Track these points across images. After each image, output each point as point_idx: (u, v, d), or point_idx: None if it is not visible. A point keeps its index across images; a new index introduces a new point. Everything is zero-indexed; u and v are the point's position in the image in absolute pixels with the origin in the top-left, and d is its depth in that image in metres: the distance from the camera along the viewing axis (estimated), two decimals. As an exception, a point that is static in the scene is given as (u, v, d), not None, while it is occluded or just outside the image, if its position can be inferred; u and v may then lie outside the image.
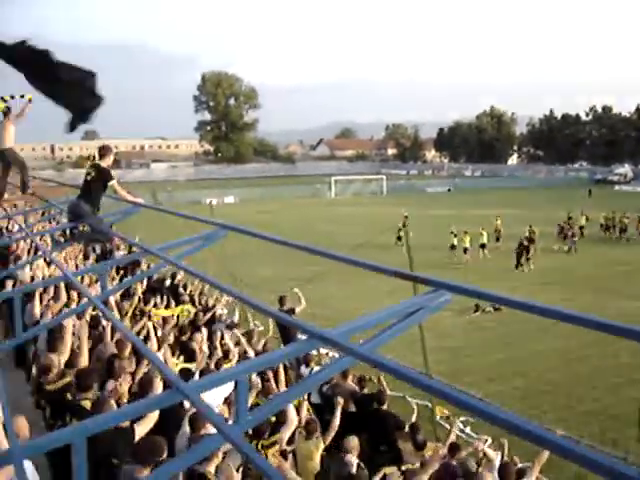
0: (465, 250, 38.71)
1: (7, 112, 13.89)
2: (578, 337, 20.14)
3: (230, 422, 4.40)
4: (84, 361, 9.08)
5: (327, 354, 16.06)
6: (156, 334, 11.36)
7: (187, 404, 8.13)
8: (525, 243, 37.15)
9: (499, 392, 18.04)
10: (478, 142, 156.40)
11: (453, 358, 20.83)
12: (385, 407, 11.06)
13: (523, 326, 22.29)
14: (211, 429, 7.80)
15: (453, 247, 39.63)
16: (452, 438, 10.47)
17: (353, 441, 8.84)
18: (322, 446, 8.99)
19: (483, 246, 39.86)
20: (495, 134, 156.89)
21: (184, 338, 12.51)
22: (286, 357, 4.97)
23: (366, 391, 11.82)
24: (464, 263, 37.76)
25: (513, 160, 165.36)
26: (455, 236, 39.79)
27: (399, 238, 43.86)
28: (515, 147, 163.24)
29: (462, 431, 14.76)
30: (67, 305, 11.80)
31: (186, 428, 7.98)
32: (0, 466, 3.76)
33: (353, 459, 8.43)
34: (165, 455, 6.37)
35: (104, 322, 11.17)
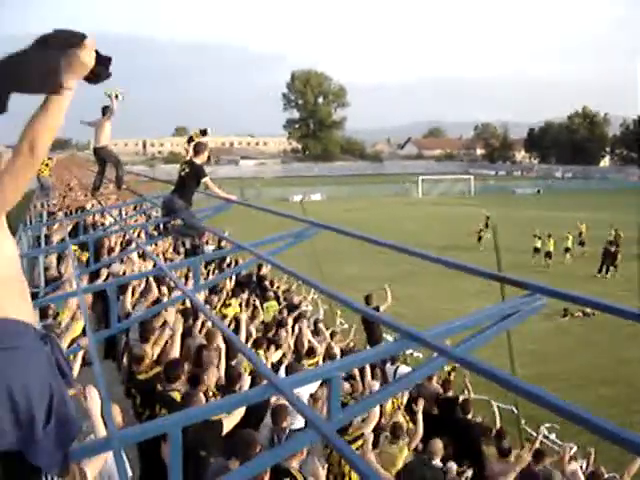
0: (548, 254, 37.81)
1: (105, 111, 14.33)
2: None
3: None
4: (176, 353, 9.28)
5: (412, 354, 16.03)
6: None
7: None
8: (610, 248, 35.85)
9: (584, 399, 17.64)
10: (569, 143, 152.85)
11: (538, 363, 20.47)
12: (470, 414, 11.03)
13: (613, 333, 21.78)
14: (292, 423, 7.89)
15: (536, 250, 38.61)
16: (536, 445, 10.34)
17: (437, 444, 8.80)
18: (406, 452, 8.87)
19: (567, 250, 38.85)
20: (587, 135, 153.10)
21: (270, 335, 12.63)
22: (377, 356, 4.99)
23: (450, 394, 11.80)
24: (545, 267, 36.85)
25: (605, 162, 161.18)
26: (539, 239, 38.87)
27: (479, 239, 43.35)
28: (607, 148, 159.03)
29: (547, 437, 14.52)
30: (159, 299, 12.06)
31: (268, 420, 8.08)
32: (99, 453, 3.89)
33: (453, 465, 8.43)
34: (258, 449, 6.48)
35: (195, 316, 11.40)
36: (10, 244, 2.70)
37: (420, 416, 9.54)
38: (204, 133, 12.00)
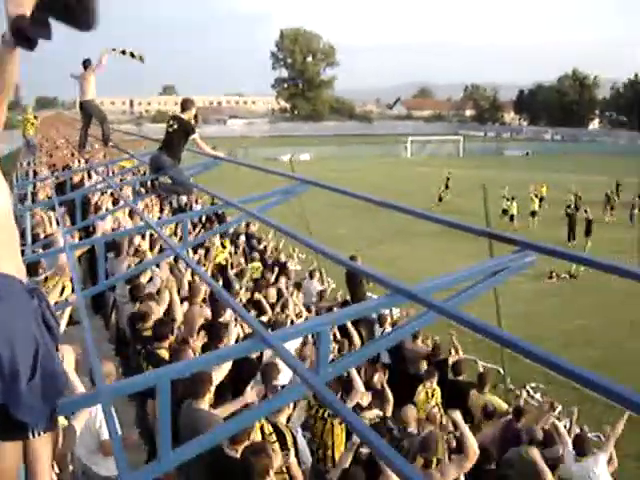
0: (512, 217, 37.27)
1: (87, 64, 14.16)
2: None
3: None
4: (177, 309, 9.33)
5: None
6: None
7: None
8: (571, 213, 34.81)
9: (572, 360, 17.80)
10: (559, 105, 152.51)
11: (526, 324, 20.58)
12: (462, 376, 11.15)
13: (599, 295, 21.93)
14: (280, 381, 7.92)
15: (504, 212, 37.90)
16: (520, 403, 10.47)
17: (411, 411, 8.80)
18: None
19: (533, 214, 38.34)
20: (577, 97, 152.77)
21: (257, 294, 12.64)
22: (368, 311, 5.00)
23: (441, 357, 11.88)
24: (512, 231, 35.10)
25: (595, 125, 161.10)
26: (508, 200, 38.24)
27: (440, 199, 43.14)
28: (597, 112, 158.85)
29: (532, 397, 14.69)
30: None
31: (258, 378, 8.11)
32: (87, 406, 3.90)
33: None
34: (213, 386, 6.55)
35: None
36: (2, 194, 2.66)
37: (385, 384, 9.47)
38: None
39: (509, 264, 3.13)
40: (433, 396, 9.93)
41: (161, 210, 19.85)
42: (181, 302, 9.73)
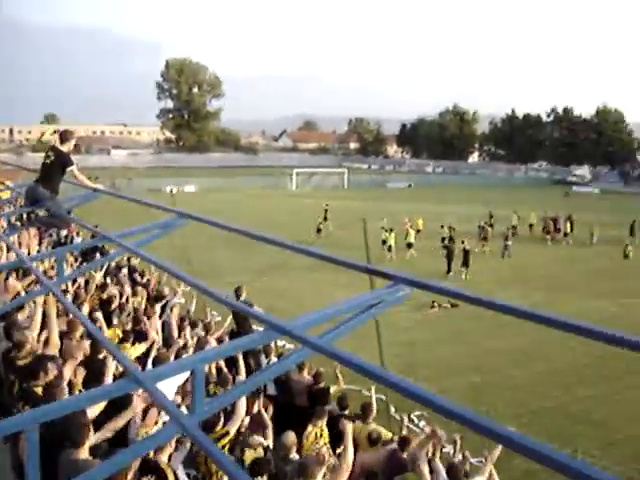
0: (390, 248, 37.74)
1: None
2: (532, 334, 20.36)
3: (185, 412, 4.37)
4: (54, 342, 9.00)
5: (284, 346, 16.07)
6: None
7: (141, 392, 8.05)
8: (447, 244, 36.43)
9: (454, 387, 18.22)
10: (440, 139, 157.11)
11: (409, 353, 20.93)
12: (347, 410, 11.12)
13: (479, 323, 22.49)
14: (163, 419, 7.74)
15: (384, 243, 38.26)
16: (403, 432, 10.56)
17: (290, 437, 8.77)
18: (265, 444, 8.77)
19: (410, 245, 39.08)
20: (457, 132, 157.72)
21: (138, 327, 12.37)
22: (243, 348, 4.93)
23: (322, 385, 11.85)
24: (389, 261, 36.48)
25: (474, 158, 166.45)
26: (386, 231, 38.59)
27: (318, 231, 43.54)
28: (477, 145, 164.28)
29: (417, 425, 14.88)
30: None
31: (138, 418, 7.90)
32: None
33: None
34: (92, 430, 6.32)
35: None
36: None
37: (262, 411, 9.43)
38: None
39: (384, 297, 3.15)
40: (322, 436, 9.89)
41: (40, 243, 19.26)
42: (60, 338, 9.41)
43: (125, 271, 19.35)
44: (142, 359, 10.18)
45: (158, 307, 14.36)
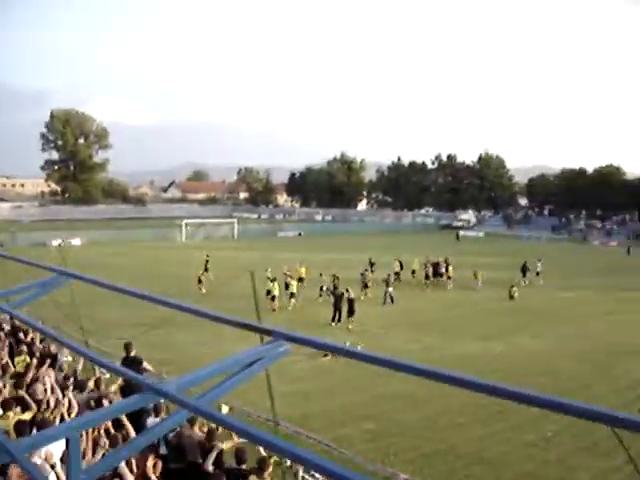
0: (273, 298, 37.60)
1: None
2: (423, 379, 20.57)
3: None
4: None
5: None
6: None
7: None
8: (329, 292, 36.84)
9: (348, 435, 18.22)
10: (329, 187, 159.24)
11: (304, 402, 20.88)
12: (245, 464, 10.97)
13: (372, 370, 22.53)
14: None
15: (268, 292, 37.91)
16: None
17: None
18: None
19: (292, 295, 38.75)
20: (345, 180, 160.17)
21: (21, 391, 11.92)
22: (120, 411, 4.77)
23: (215, 443, 11.65)
24: (272, 311, 36.26)
25: (363, 205, 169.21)
26: (271, 281, 38.49)
27: (199, 281, 43.03)
28: (365, 193, 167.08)
29: (312, 475, 14.75)
30: None
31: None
32: None
33: None
34: None
35: None
36: None
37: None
38: None
39: (264, 354, 3.11)
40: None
41: None
42: None
43: (8, 328, 18.68)
44: (27, 424, 9.78)
45: (44, 368, 13.92)
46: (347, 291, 34.03)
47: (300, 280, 42.05)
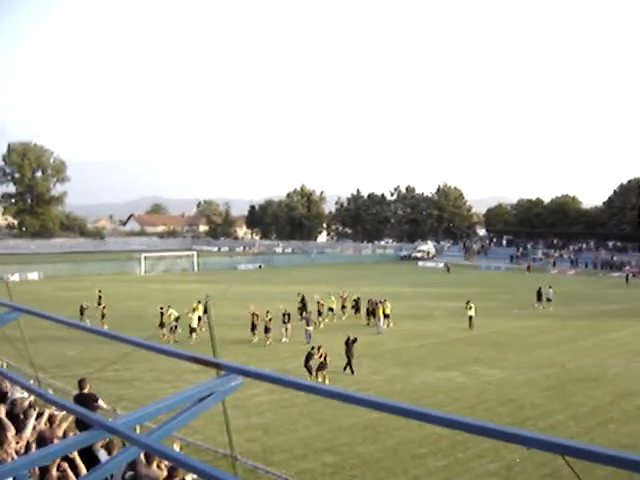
0: (192, 330, 37.07)
1: None
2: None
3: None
4: None
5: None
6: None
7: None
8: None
9: (309, 469, 18.09)
10: (289, 219, 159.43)
11: (264, 436, 20.71)
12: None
13: (333, 402, 22.50)
14: None
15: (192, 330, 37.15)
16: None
17: None
18: None
19: (193, 330, 37.26)
20: (305, 212, 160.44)
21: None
22: (69, 449, 4.66)
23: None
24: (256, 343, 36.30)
25: (323, 237, 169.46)
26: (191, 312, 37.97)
27: (162, 314, 41.54)
28: (325, 224, 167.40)
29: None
30: None
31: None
32: None
33: None
34: None
35: None
36: None
37: None
38: None
39: (215, 389, 3.08)
40: None
41: None
42: None
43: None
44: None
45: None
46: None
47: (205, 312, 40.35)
